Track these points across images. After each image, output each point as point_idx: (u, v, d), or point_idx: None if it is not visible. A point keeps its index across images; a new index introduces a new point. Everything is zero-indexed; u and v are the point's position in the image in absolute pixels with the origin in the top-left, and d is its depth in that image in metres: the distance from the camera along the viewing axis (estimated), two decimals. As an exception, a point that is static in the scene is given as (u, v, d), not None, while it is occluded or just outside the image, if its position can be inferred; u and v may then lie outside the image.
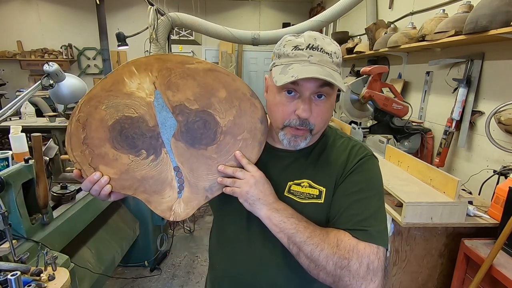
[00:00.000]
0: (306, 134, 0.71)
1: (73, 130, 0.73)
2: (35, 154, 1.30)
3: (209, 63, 0.74)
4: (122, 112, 0.73)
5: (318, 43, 0.68)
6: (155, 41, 3.01)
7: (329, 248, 0.64)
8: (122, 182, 0.75)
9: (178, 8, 5.62)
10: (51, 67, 1.33)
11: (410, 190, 1.54)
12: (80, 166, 0.74)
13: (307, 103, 0.67)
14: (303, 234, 0.66)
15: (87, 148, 0.73)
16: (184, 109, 0.74)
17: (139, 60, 0.72)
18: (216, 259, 0.89)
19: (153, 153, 0.75)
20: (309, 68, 0.65)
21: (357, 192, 0.71)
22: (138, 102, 0.73)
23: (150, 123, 0.74)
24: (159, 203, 0.77)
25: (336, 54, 0.69)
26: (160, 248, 2.59)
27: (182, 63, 0.72)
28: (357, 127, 2.66)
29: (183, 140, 0.75)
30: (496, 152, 1.84)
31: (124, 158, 0.74)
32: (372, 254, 0.64)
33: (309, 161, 0.77)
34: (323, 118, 0.71)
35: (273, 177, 0.76)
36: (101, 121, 0.73)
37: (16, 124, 1.84)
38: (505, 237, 1.24)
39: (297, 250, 0.66)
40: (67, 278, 1.06)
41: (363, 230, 0.66)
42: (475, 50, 2.02)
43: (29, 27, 6.13)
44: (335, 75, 0.66)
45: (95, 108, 0.72)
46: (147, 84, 0.72)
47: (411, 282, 1.60)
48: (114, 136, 0.74)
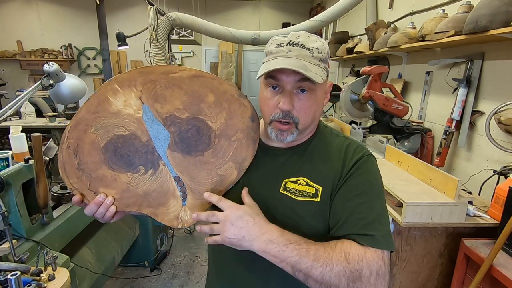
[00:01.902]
0: (292, 128, 0.72)
1: (65, 157, 0.70)
2: (35, 154, 1.30)
3: (193, 70, 0.73)
4: (113, 132, 0.71)
5: (300, 40, 0.69)
6: (155, 41, 3.01)
7: (339, 264, 0.62)
8: (125, 201, 0.74)
9: (178, 8, 5.63)
10: (51, 67, 1.33)
11: (410, 190, 1.54)
12: (79, 192, 0.72)
13: (288, 96, 0.69)
14: (307, 258, 0.62)
15: (83, 174, 0.72)
16: (175, 119, 0.73)
17: (120, 77, 0.70)
18: (213, 258, 0.89)
19: (151, 167, 0.74)
20: (283, 61, 0.67)
21: (359, 195, 0.71)
22: (127, 120, 0.71)
23: (143, 138, 0.73)
24: (165, 214, 0.76)
25: (318, 50, 0.70)
26: (160, 248, 2.59)
27: (166, 73, 0.71)
28: (357, 127, 2.66)
29: (179, 150, 0.74)
30: (496, 152, 1.84)
31: (123, 177, 0.73)
32: (379, 260, 0.64)
33: (304, 158, 0.77)
34: (307, 113, 0.71)
35: (269, 175, 0.77)
36: (92, 144, 0.71)
37: (16, 124, 1.84)
38: (505, 237, 1.24)
39: (304, 276, 0.63)
40: (67, 278, 1.06)
41: (369, 235, 0.66)
42: (475, 50, 2.02)
43: (29, 27, 6.13)
44: (311, 68, 0.67)
45: (84, 132, 0.70)
46: (134, 100, 0.71)
47: (411, 282, 1.60)
48: (109, 157, 0.72)
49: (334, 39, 4.32)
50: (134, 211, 0.75)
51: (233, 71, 6.21)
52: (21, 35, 6.15)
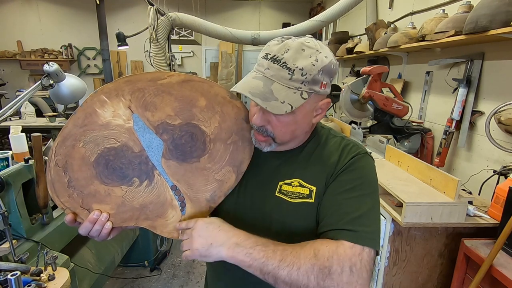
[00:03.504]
0: (269, 141, 0.71)
1: (53, 176, 0.67)
2: (35, 154, 1.30)
3: (182, 74, 0.70)
4: (103, 145, 0.68)
5: (285, 55, 0.63)
6: (155, 41, 3.01)
7: (306, 262, 0.59)
8: (121, 215, 0.71)
9: (178, 8, 5.63)
10: (51, 67, 1.33)
11: (410, 190, 1.54)
12: (71, 211, 0.69)
13: (261, 113, 0.68)
14: (273, 259, 0.60)
15: (74, 191, 0.68)
16: (167, 127, 0.70)
17: (107, 87, 0.67)
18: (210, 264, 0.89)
19: (146, 178, 0.71)
20: (249, 82, 0.65)
21: (349, 190, 0.68)
22: (117, 131, 0.68)
23: (135, 149, 0.70)
24: (164, 226, 0.74)
25: (302, 71, 0.62)
26: (160, 248, 2.59)
27: (154, 80, 0.68)
28: (357, 127, 2.66)
29: (174, 158, 0.72)
30: (496, 152, 1.84)
31: (117, 191, 0.70)
32: (353, 256, 0.60)
33: (299, 160, 0.76)
34: (283, 131, 0.69)
35: (264, 178, 0.75)
36: (82, 160, 0.68)
37: (16, 124, 1.84)
38: (505, 237, 1.24)
39: (273, 279, 0.60)
40: (67, 278, 1.06)
41: (351, 231, 0.63)
42: (475, 50, 2.02)
43: (29, 27, 6.13)
44: (279, 93, 0.63)
45: (73, 147, 0.67)
46: (123, 110, 0.68)
47: (411, 282, 1.60)
48: (101, 171, 0.69)
49: (334, 39, 4.32)
50: (132, 226, 0.73)
51: (233, 71, 6.21)
52: (21, 35, 6.15)
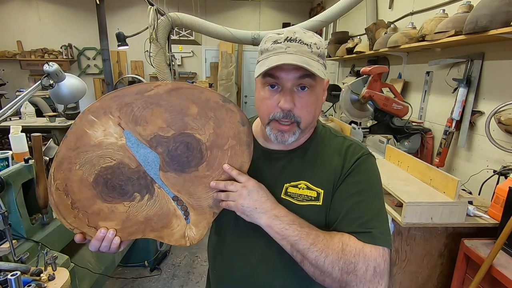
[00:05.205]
0: (294, 128, 0.69)
1: (56, 199, 0.68)
2: (35, 154, 1.30)
3: (169, 83, 0.68)
4: (99, 165, 0.69)
5: (297, 35, 0.67)
6: (155, 41, 3.01)
7: (334, 253, 0.63)
8: (128, 230, 0.73)
9: (178, 8, 5.63)
10: (51, 67, 1.33)
11: (410, 190, 1.54)
12: (80, 230, 0.70)
13: (288, 95, 0.67)
14: (306, 240, 0.64)
15: (79, 212, 0.70)
16: (160, 139, 0.70)
17: (93, 106, 0.66)
18: (214, 263, 0.88)
19: (146, 192, 0.72)
20: (284, 57, 0.65)
21: (357, 193, 0.70)
22: (111, 149, 0.69)
23: (131, 165, 0.70)
24: (171, 236, 0.75)
25: (316, 45, 0.68)
26: (160, 248, 2.59)
27: (140, 92, 0.67)
28: (357, 127, 2.66)
29: (172, 169, 0.72)
30: (496, 152, 1.84)
31: (120, 208, 0.71)
32: (378, 256, 0.63)
33: (304, 161, 0.76)
34: (309, 110, 0.69)
35: (268, 180, 0.74)
36: (81, 181, 0.69)
37: (16, 124, 1.84)
38: (505, 237, 1.24)
39: (301, 257, 0.65)
40: (67, 278, 1.06)
41: (367, 233, 0.65)
42: (475, 50, 2.02)
43: (29, 27, 6.14)
44: (313, 63, 0.65)
45: (69, 170, 0.68)
46: (113, 128, 0.68)
47: (411, 282, 1.60)
48: (101, 191, 0.70)
49: (334, 39, 4.31)
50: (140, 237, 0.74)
51: (233, 71, 6.21)
52: (21, 35, 6.15)
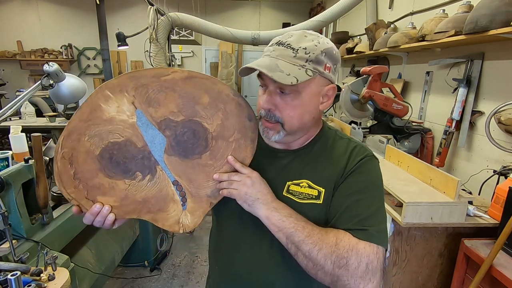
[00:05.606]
0: (278, 128, 0.71)
1: (60, 168, 0.69)
2: (35, 154, 1.30)
3: (186, 71, 0.71)
4: (107, 139, 0.70)
5: (290, 39, 0.68)
6: (155, 41, 3.01)
7: (328, 247, 0.64)
8: (124, 208, 0.73)
9: (178, 8, 5.63)
10: (51, 67, 1.33)
11: (410, 190, 1.54)
12: (77, 202, 0.71)
13: (268, 95, 0.70)
14: (301, 233, 0.66)
15: (80, 183, 0.71)
16: (170, 123, 0.72)
17: (111, 83, 0.69)
18: (214, 260, 0.89)
19: (148, 173, 0.73)
20: (259, 61, 0.68)
21: (357, 192, 0.71)
22: (121, 126, 0.70)
23: (138, 144, 0.71)
24: (165, 220, 0.76)
25: (306, 50, 0.66)
26: (160, 248, 2.59)
27: (157, 76, 0.70)
28: (357, 127, 2.66)
29: (176, 154, 0.73)
30: (496, 152, 1.84)
31: (120, 184, 0.72)
32: (371, 253, 0.64)
33: (307, 161, 0.77)
34: (291, 114, 0.70)
35: (271, 177, 0.76)
36: (87, 153, 0.70)
37: (16, 124, 1.84)
38: (505, 237, 1.24)
39: (295, 249, 0.66)
40: (67, 278, 1.06)
41: (363, 230, 0.66)
42: (475, 50, 2.02)
43: (29, 27, 6.13)
44: (285, 67, 0.65)
45: (78, 141, 0.69)
46: (126, 106, 0.70)
47: (411, 282, 1.60)
48: (105, 165, 0.71)
49: (334, 39, 4.31)
50: (134, 218, 0.75)
51: (233, 71, 6.21)
52: (21, 35, 6.15)
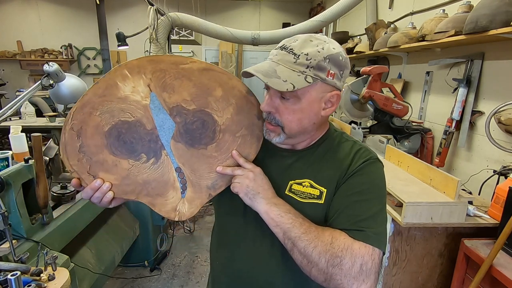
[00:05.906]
0: (278, 130, 0.73)
1: (67, 139, 0.70)
2: (35, 154, 1.30)
3: (204, 62, 0.73)
4: (118, 117, 0.71)
5: (294, 44, 0.68)
6: (155, 41, 3.01)
7: (323, 245, 0.64)
8: (124, 188, 0.74)
9: (178, 8, 5.63)
10: (51, 67, 1.33)
11: (410, 190, 1.54)
12: (79, 175, 0.71)
13: (268, 98, 0.72)
14: (298, 229, 0.66)
15: (84, 156, 0.71)
16: (181, 110, 0.73)
17: (131, 63, 0.70)
18: (216, 257, 0.90)
19: (153, 156, 0.74)
20: (257, 65, 0.69)
21: (358, 193, 0.71)
22: (133, 106, 0.71)
23: (147, 126, 0.72)
24: (163, 205, 0.76)
25: (307, 56, 0.66)
26: (160, 248, 2.59)
27: (176, 63, 0.71)
28: (357, 127, 2.66)
29: (183, 141, 0.74)
30: (496, 152, 1.84)
31: (124, 164, 0.73)
32: (366, 254, 0.64)
33: (311, 161, 0.77)
34: (290, 119, 0.71)
35: (274, 175, 0.76)
36: (96, 128, 0.71)
37: (16, 124, 1.84)
38: (505, 237, 1.24)
39: (291, 245, 0.67)
40: (67, 278, 1.06)
41: (360, 231, 0.66)
42: (475, 50, 2.02)
43: (29, 27, 6.13)
44: (282, 73, 0.66)
45: (89, 114, 0.70)
46: (142, 87, 0.71)
47: (411, 282, 1.60)
48: (112, 142, 0.72)
49: (334, 39, 4.29)
50: (132, 199, 0.75)
51: (233, 71, 6.21)
52: (21, 35, 6.14)
